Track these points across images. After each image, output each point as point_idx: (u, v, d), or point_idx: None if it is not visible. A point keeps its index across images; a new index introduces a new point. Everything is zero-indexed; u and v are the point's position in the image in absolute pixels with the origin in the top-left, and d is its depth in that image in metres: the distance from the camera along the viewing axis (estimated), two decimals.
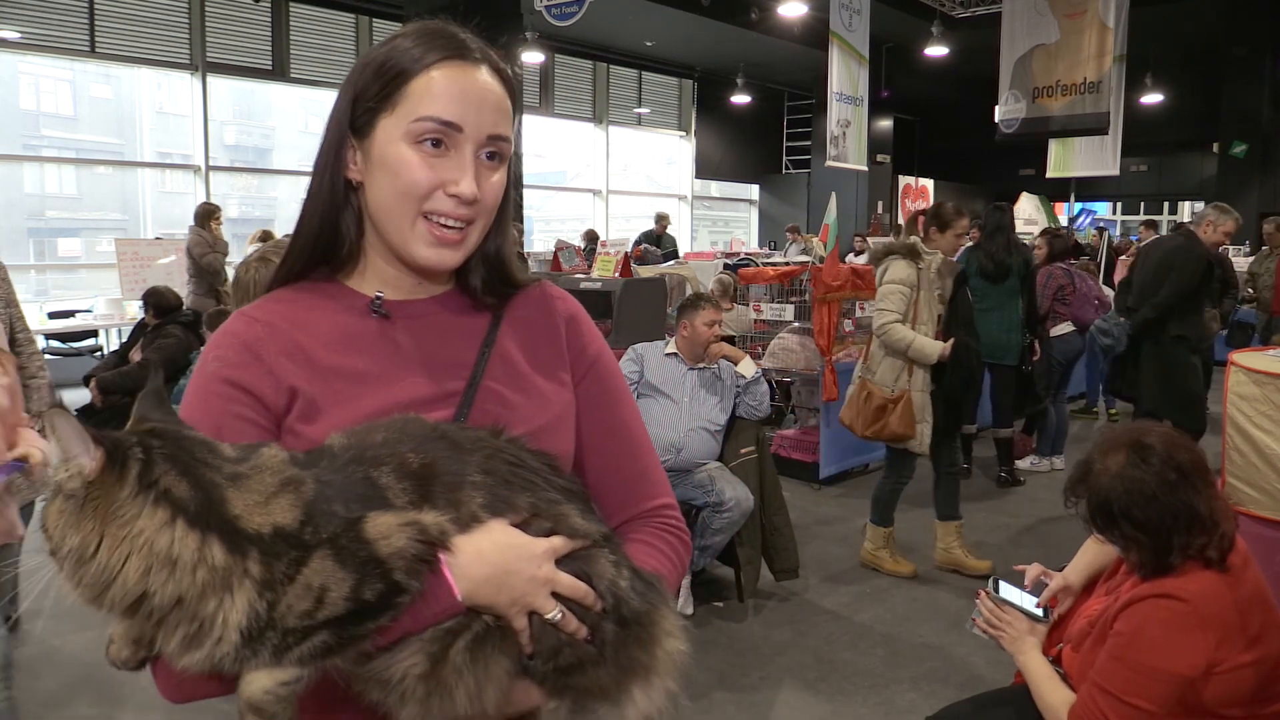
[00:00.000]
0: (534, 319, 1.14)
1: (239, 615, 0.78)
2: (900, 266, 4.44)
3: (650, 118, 17.20)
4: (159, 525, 0.77)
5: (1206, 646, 1.72)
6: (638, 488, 1.13)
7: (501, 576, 0.88)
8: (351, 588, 0.81)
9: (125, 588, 0.77)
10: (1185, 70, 15.91)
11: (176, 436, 0.83)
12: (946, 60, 13.86)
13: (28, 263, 10.88)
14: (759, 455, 4.16)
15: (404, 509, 0.86)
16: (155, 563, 0.77)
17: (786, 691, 3.44)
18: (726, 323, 5.65)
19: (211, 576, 0.78)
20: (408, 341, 1.05)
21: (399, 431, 0.92)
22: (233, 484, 0.81)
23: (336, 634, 0.81)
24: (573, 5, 9.08)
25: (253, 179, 12.94)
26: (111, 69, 10.92)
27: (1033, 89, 11.62)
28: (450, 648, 0.87)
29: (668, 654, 0.97)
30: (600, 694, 0.93)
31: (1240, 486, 3.16)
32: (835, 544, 5.02)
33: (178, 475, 0.79)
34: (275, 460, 0.85)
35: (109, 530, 0.77)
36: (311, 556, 0.80)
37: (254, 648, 0.79)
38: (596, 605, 0.92)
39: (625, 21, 13.07)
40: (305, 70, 12.17)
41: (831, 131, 11.67)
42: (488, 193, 1.02)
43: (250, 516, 0.80)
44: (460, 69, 1.00)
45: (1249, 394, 3.19)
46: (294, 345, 1.01)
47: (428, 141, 0.99)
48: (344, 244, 1.07)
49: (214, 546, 0.78)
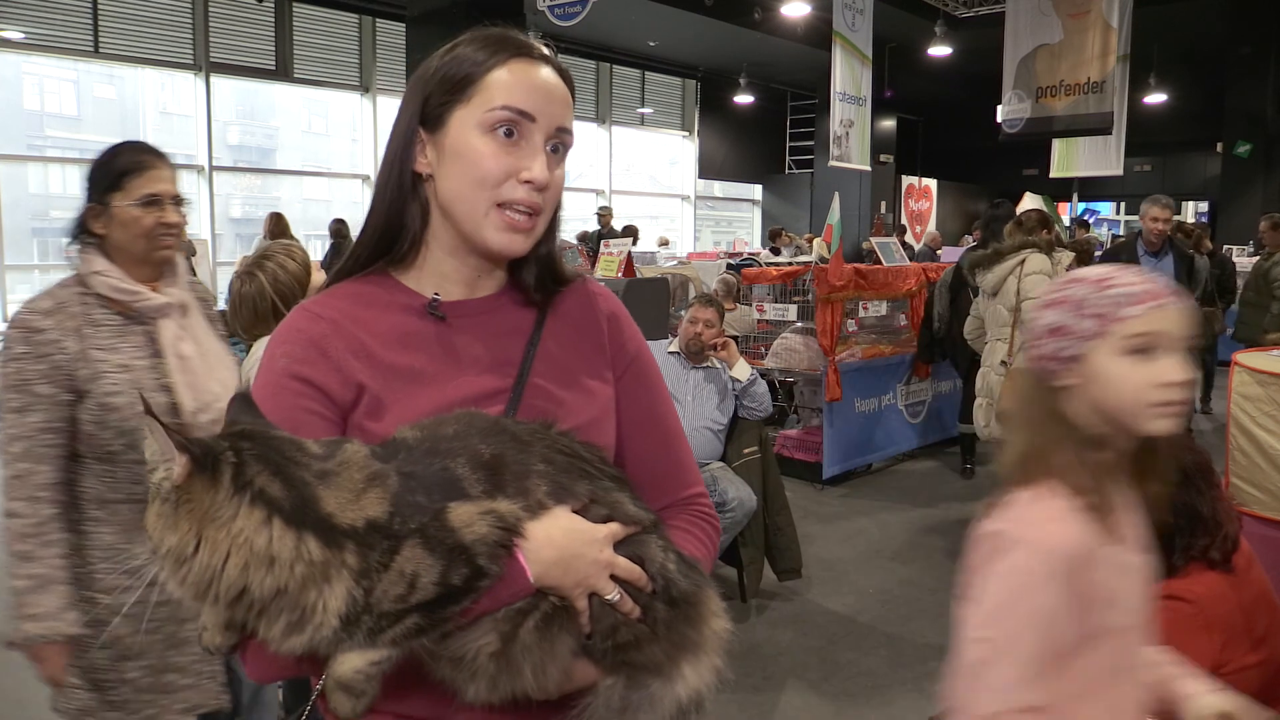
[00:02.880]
0: (577, 316, 1.18)
1: (338, 603, 0.83)
2: (1040, 259, 4.71)
3: (653, 118, 17.20)
4: (257, 524, 0.82)
5: (1212, 648, 1.72)
6: (674, 477, 1.19)
7: (568, 560, 0.93)
8: (440, 573, 0.86)
9: (227, 584, 0.82)
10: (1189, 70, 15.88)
11: (266, 437, 0.87)
12: (950, 60, 13.84)
13: (31, 263, 10.90)
14: (762, 455, 4.16)
15: (480, 498, 0.91)
16: (254, 560, 0.81)
17: (789, 692, 3.43)
18: (730, 323, 5.65)
19: (310, 570, 0.82)
20: (460, 341, 1.10)
21: (467, 424, 0.97)
22: (323, 481, 0.85)
23: (426, 616, 0.87)
24: (576, 5, 9.07)
25: (256, 179, 12.95)
26: (115, 69, 10.94)
27: (1036, 89, 11.60)
28: (520, 627, 0.92)
29: (715, 632, 1.02)
30: (654, 670, 0.98)
31: (1244, 487, 3.16)
32: (838, 544, 5.01)
33: (271, 475, 0.83)
34: (359, 456, 0.89)
35: (206, 531, 0.81)
36: (403, 545, 0.85)
37: (350, 631, 0.84)
38: (649, 587, 0.98)
39: (628, 21, 13.07)
40: (308, 70, 12.17)
41: (834, 131, 11.66)
42: (554, 186, 1.08)
43: (343, 512, 0.84)
44: (529, 64, 1.06)
45: (1253, 394, 3.18)
46: (358, 343, 1.05)
47: (501, 130, 1.04)
48: (407, 237, 1.10)
49: (310, 542, 0.82)
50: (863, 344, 6.53)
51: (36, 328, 1.85)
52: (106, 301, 1.92)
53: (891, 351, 6.62)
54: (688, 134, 17.73)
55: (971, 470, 6.34)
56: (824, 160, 12.71)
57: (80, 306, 1.90)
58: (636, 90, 16.80)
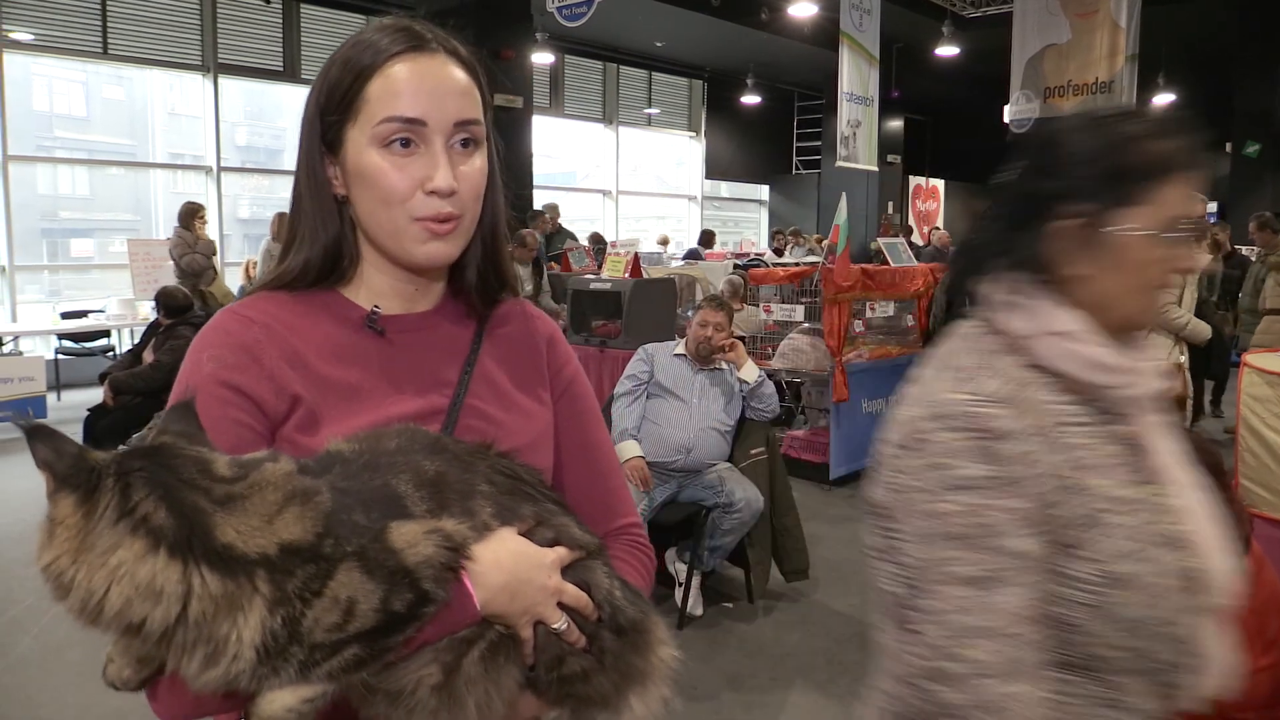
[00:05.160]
0: (515, 337, 1.15)
1: (252, 634, 0.76)
2: None
3: (660, 118, 17.19)
4: (138, 555, 0.74)
5: None
6: (608, 506, 1.15)
7: (516, 585, 0.88)
8: (381, 599, 0.79)
9: (111, 614, 0.75)
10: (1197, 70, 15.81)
11: (168, 456, 0.79)
12: (957, 60, 13.81)
13: (41, 263, 10.93)
14: (769, 456, 4.15)
15: (423, 517, 0.85)
16: (138, 594, 0.74)
17: (797, 693, 3.43)
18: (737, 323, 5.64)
19: (209, 603, 0.75)
20: (398, 357, 1.05)
21: (409, 440, 0.92)
22: (224, 507, 0.77)
23: (367, 647, 0.80)
24: (582, 5, 9.08)
25: (264, 180, 12.97)
26: (123, 70, 10.96)
27: (1044, 89, 11.57)
28: (464, 657, 0.86)
29: (662, 660, 0.98)
30: (600, 701, 0.94)
31: (1254, 489, 3.14)
32: (846, 545, 5.00)
33: (158, 501, 0.75)
34: (278, 474, 0.81)
35: (84, 558, 0.74)
36: (337, 570, 0.78)
37: (275, 665, 0.77)
38: (595, 615, 0.94)
39: (635, 22, 13.07)
40: (316, 71, 12.08)
41: (842, 132, 11.64)
42: (466, 180, 1.00)
43: (248, 540, 0.77)
44: (410, 62, 0.99)
45: (1263, 395, 3.17)
46: (292, 352, 1.00)
47: (396, 143, 0.98)
48: (345, 259, 1.06)
49: (204, 574, 0.75)
50: (870, 345, 6.52)
51: (998, 430, 0.97)
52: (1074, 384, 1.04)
53: (899, 352, 6.61)
54: (694, 134, 17.72)
55: None
56: (831, 161, 12.71)
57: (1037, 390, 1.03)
58: (643, 91, 16.80)
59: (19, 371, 7.72)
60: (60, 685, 3.48)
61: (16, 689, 3.45)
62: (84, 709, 3.32)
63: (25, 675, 3.56)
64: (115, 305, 9.37)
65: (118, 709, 3.32)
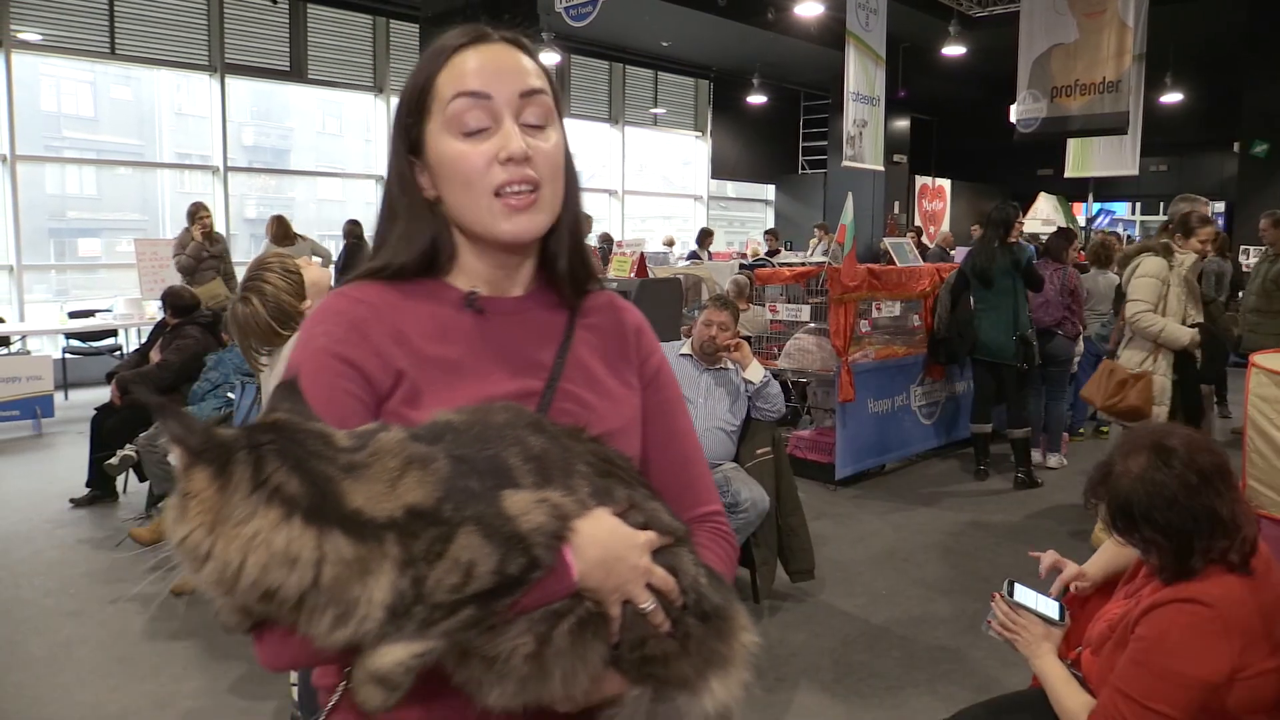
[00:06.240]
0: (605, 326, 1.19)
1: (384, 595, 0.79)
2: (1154, 262, 4.85)
3: (666, 118, 17.18)
4: (273, 524, 0.77)
5: (1231, 652, 1.70)
6: (692, 493, 1.18)
7: (610, 562, 0.91)
8: (497, 562, 0.83)
9: (248, 583, 0.78)
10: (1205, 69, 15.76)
11: (292, 430, 0.83)
12: (964, 60, 13.77)
13: (48, 263, 10.97)
14: (775, 456, 4.15)
15: (531, 489, 0.88)
16: (274, 561, 0.77)
17: (802, 693, 3.42)
18: (743, 323, 5.64)
19: (343, 568, 0.78)
20: (496, 338, 1.09)
21: (515, 415, 0.95)
22: (350, 475, 0.81)
23: (481, 607, 0.83)
24: (587, 5, 9.07)
25: (270, 180, 13.00)
26: (131, 70, 10.99)
27: (1051, 88, 11.53)
28: (555, 629, 0.89)
29: (744, 646, 1.01)
30: (681, 683, 0.96)
31: (1261, 489, 3.13)
32: (851, 545, 5.00)
33: (289, 471, 0.79)
34: (393, 442, 0.85)
35: (221, 530, 0.77)
36: (457, 532, 0.82)
37: (399, 623, 0.81)
38: (680, 600, 0.96)
39: (641, 22, 13.06)
40: (323, 71, 12.21)
41: (848, 131, 11.62)
42: (542, 154, 1.05)
43: (376, 505, 0.80)
44: (468, 52, 1.05)
45: (1270, 396, 3.15)
46: (396, 329, 1.04)
47: (469, 119, 1.03)
48: (442, 255, 1.11)
49: (337, 539, 0.78)
50: (876, 345, 6.51)
51: None
52: None
53: (905, 352, 6.60)
54: (700, 134, 17.70)
55: (985, 472, 6.31)
56: (837, 160, 12.66)
57: None
58: (649, 91, 16.79)
59: (27, 370, 7.74)
60: (68, 684, 3.49)
61: (25, 687, 3.46)
62: (92, 707, 3.33)
63: (33, 674, 3.57)
64: (122, 305, 9.39)
65: (125, 707, 3.33)
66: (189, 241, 8.15)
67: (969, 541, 5.08)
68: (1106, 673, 1.86)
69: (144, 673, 3.59)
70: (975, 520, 5.44)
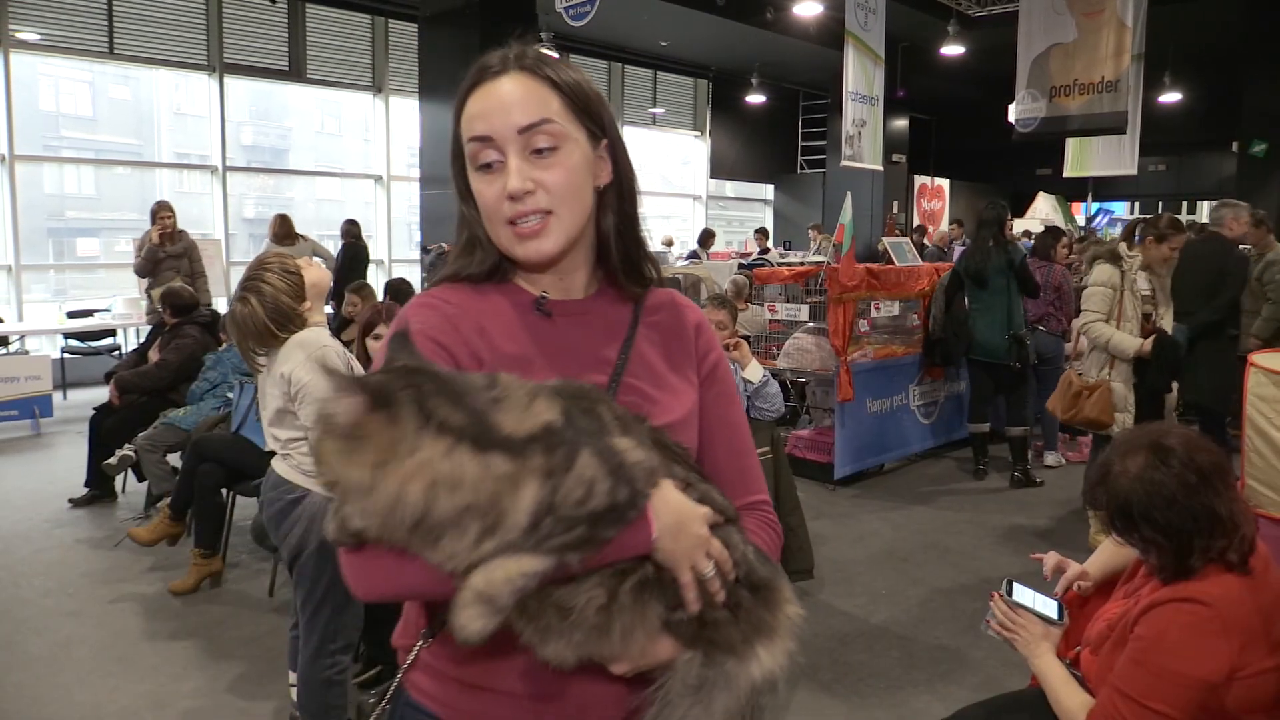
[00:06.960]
0: (667, 323, 1.26)
1: (529, 501, 0.87)
2: (1104, 270, 4.82)
3: (665, 118, 17.18)
4: (442, 452, 0.85)
5: (1230, 651, 1.70)
6: (743, 482, 1.24)
7: (678, 528, 0.97)
8: (610, 485, 0.90)
9: (410, 509, 0.85)
10: (1204, 69, 15.76)
11: (435, 373, 0.92)
12: (963, 59, 13.78)
13: (47, 262, 10.96)
14: (774, 455, 4.15)
15: None
16: (442, 484, 0.85)
17: (801, 693, 3.42)
18: (742, 323, 5.64)
19: (499, 483, 0.86)
20: (564, 337, 1.18)
21: (594, 390, 1.03)
22: (495, 406, 0.90)
23: (589, 529, 0.90)
24: (586, 4, 9.07)
25: (269, 179, 12.99)
26: (130, 70, 10.99)
27: (1050, 88, 11.54)
28: (620, 586, 0.96)
29: (789, 617, 1.07)
30: (730, 650, 1.02)
31: (1259, 489, 3.13)
32: (850, 545, 5.00)
33: (450, 406, 0.87)
34: (515, 380, 0.94)
35: (391, 463, 0.85)
36: (579, 452, 0.90)
37: (532, 534, 0.88)
38: (732, 573, 1.03)
39: (640, 22, 13.06)
40: (321, 71, 12.20)
41: (847, 131, 11.63)
42: (547, 180, 1.11)
43: (520, 425, 0.89)
44: (481, 88, 1.13)
45: (1269, 395, 3.15)
46: (479, 325, 1.14)
47: (482, 160, 1.12)
48: (505, 264, 1.20)
49: (495, 459, 0.86)
50: (875, 344, 6.51)
51: None
52: None
53: (904, 352, 6.61)
54: (699, 134, 17.70)
55: (984, 471, 6.31)
56: (836, 160, 12.67)
57: None
58: (648, 90, 16.79)
59: (25, 370, 7.74)
60: (69, 683, 3.49)
61: (24, 687, 3.46)
62: (91, 707, 3.33)
63: (33, 674, 3.57)
64: (121, 304, 9.39)
65: (124, 707, 3.33)
66: (146, 244, 7.99)
67: (968, 541, 5.09)
68: (1105, 672, 1.86)
69: (143, 672, 3.59)
70: (974, 519, 5.45)
